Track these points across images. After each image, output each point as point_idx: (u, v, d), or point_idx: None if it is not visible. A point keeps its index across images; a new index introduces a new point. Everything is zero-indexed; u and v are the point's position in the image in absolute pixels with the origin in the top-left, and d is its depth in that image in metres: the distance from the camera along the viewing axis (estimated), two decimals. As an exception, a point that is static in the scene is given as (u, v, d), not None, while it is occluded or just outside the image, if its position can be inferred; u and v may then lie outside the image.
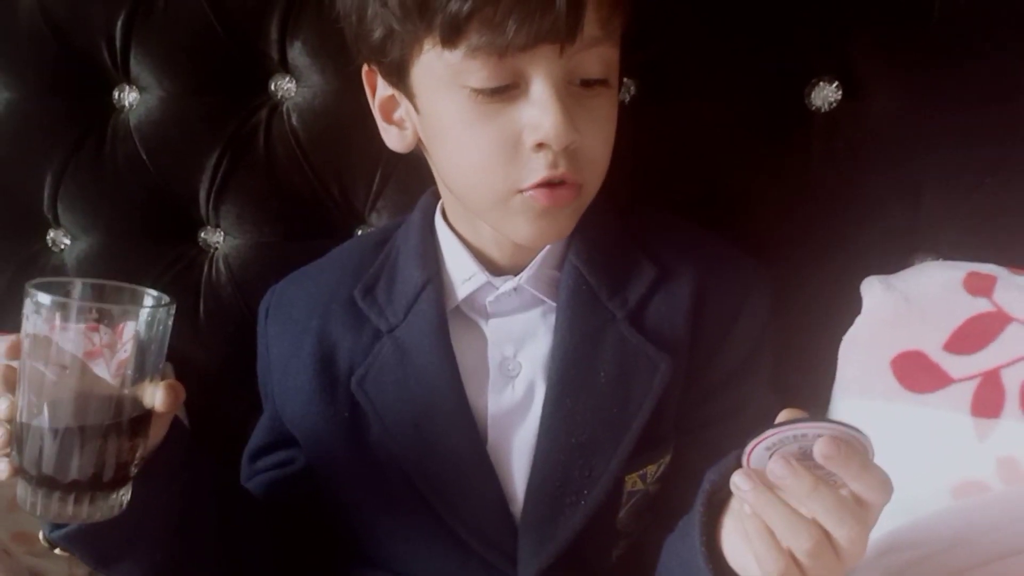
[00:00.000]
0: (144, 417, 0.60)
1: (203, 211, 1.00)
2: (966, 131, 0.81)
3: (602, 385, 0.70)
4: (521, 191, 0.65)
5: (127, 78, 1.01)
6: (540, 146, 0.63)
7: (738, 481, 0.52)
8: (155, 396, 0.59)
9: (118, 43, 0.99)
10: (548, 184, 0.64)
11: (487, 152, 0.65)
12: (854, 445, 0.50)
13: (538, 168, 0.64)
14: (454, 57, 0.62)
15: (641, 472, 0.70)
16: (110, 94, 1.01)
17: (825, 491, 0.50)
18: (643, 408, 0.69)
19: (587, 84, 0.65)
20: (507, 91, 0.63)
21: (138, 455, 0.60)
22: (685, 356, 0.71)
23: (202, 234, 1.01)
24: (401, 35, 0.64)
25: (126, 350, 0.58)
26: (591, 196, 0.70)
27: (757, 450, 0.51)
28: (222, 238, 1.01)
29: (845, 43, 0.84)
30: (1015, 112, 0.80)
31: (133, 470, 0.60)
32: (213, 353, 0.99)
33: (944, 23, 0.81)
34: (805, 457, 0.50)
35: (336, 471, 0.75)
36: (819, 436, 0.49)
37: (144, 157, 1.00)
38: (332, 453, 0.75)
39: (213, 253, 1.01)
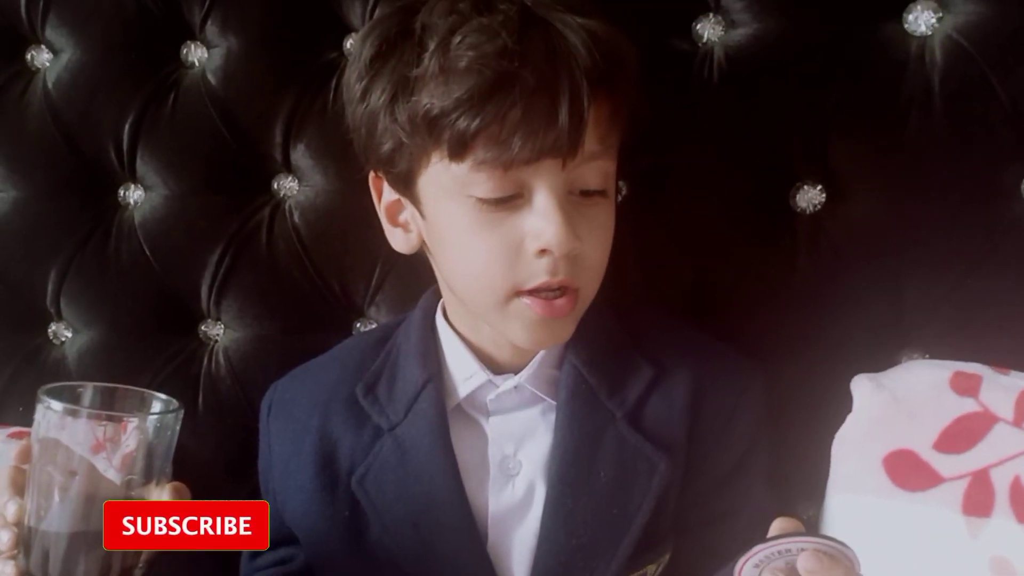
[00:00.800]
0: None
1: (204, 305, 1.02)
2: (945, 232, 0.84)
3: (602, 485, 0.71)
4: (519, 293, 0.68)
5: (133, 177, 1.04)
6: (542, 252, 0.66)
7: None
8: (161, 499, 0.60)
9: (125, 144, 1.03)
10: (545, 294, 0.68)
11: (490, 256, 0.68)
12: (838, 559, 0.51)
13: (539, 272, 0.67)
14: (460, 170, 0.66)
15: (641, 572, 0.71)
16: (115, 193, 1.05)
17: None
18: (642, 509, 0.71)
19: (586, 194, 0.68)
20: (511, 201, 0.67)
21: (143, 558, 0.61)
22: (683, 455, 0.73)
23: (202, 327, 1.03)
24: (410, 148, 0.68)
25: (129, 444, 0.60)
26: (589, 300, 0.73)
27: (747, 567, 0.53)
28: (222, 331, 1.03)
29: (827, 149, 0.87)
30: (991, 214, 0.83)
31: (138, 573, 0.60)
32: (211, 445, 0.99)
33: (920, 130, 0.84)
34: (792, 571, 0.52)
35: (336, 569, 0.75)
36: (803, 550, 0.51)
37: (148, 253, 1.02)
38: (332, 552, 0.75)
39: (213, 346, 1.03)
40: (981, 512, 0.67)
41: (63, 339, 1.07)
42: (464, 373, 0.76)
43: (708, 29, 0.89)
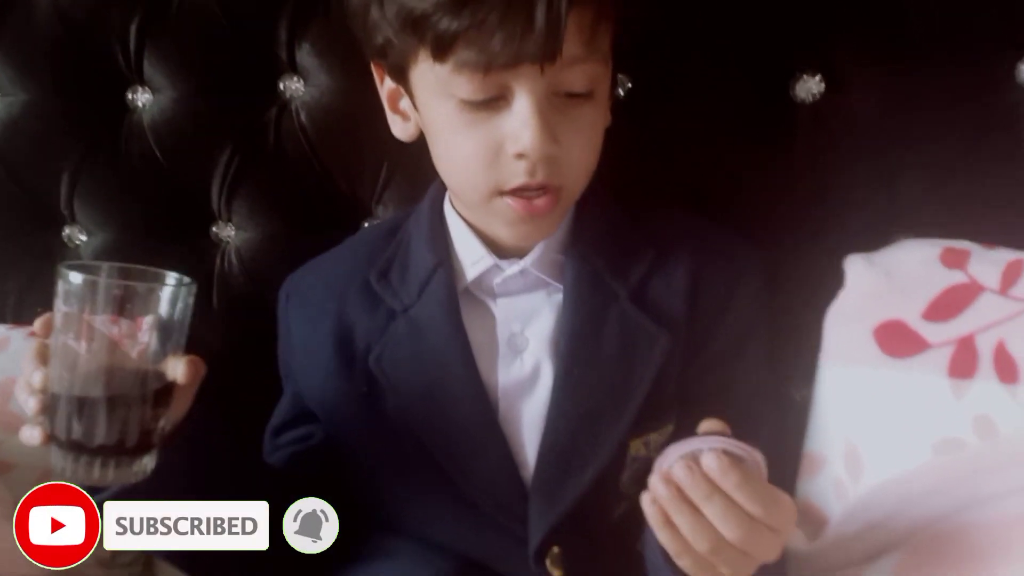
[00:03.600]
0: (166, 389, 0.64)
1: (215, 206, 1.04)
2: (940, 122, 0.85)
3: (607, 358, 0.74)
4: (502, 193, 0.70)
5: (140, 80, 1.05)
6: (520, 155, 0.68)
7: (654, 484, 0.59)
8: (177, 369, 0.63)
9: (132, 46, 1.03)
10: (525, 193, 0.70)
11: (471, 156, 0.70)
12: (745, 460, 0.57)
13: (517, 173, 0.69)
14: (443, 70, 0.67)
15: (644, 439, 0.74)
16: (124, 95, 1.05)
17: (717, 498, 0.56)
18: (644, 379, 0.74)
19: (572, 96, 0.69)
20: (492, 103, 0.68)
21: (161, 424, 0.64)
22: (683, 332, 0.76)
23: (214, 228, 1.05)
24: (398, 44, 0.69)
25: (144, 338, 0.63)
26: (574, 197, 0.75)
27: (664, 462, 0.59)
28: (233, 232, 1.05)
29: (827, 40, 0.88)
30: (985, 102, 0.85)
31: (156, 438, 0.64)
32: (226, 340, 1.02)
33: (918, 22, 0.85)
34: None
35: (355, 442, 0.79)
36: (711, 449, 0.56)
37: (158, 155, 1.04)
38: (351, 425, 0.79)
39: (225, 246, 1.05)
40: (965, 374, 0.70)
41: (78, 242, 1.09)
42: (471, 258, 0.78)
43: (710, -76, 0.89)
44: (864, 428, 0.74)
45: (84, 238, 1.09)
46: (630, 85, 0.93)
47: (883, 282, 0.76)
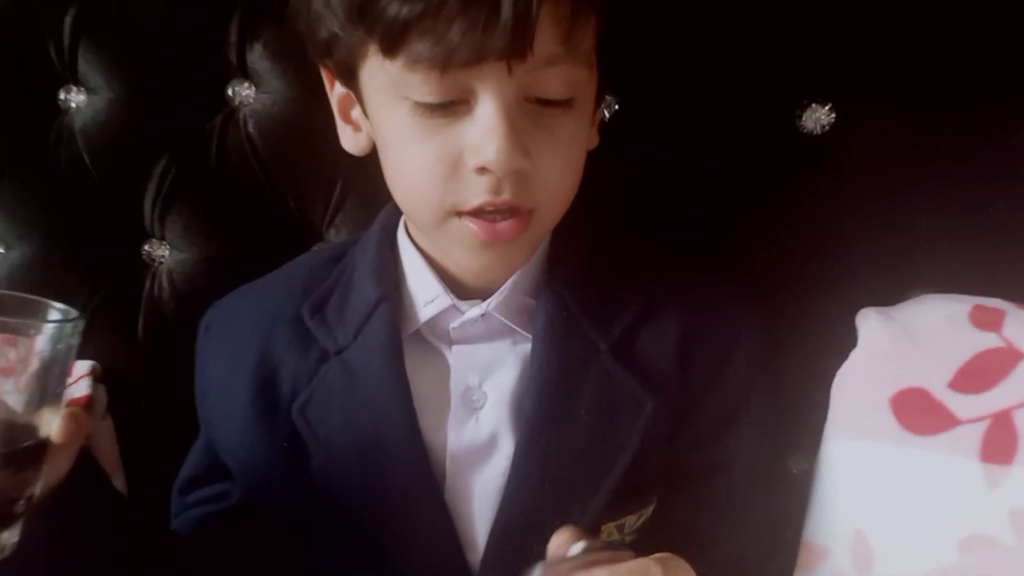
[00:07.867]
0: (37, 448, 0.53)
1: (148, 222, 0.95)
2: (961, 160, 0.80)
3: (582, 424, 0.65)
4: (460, 214, 0.61)
5: (74, 78, 0.96)
6: (482, 170, 0.59)
7: None
8: (52, 425, 0.53)
9: (66, 41, 0.95)
10: (489, 215, 0.61)
11: (425, 169, 0.61)
12: None
13: (479, 191, 0.60)
14: (395, 68, 0.58)
15: (619, 522, 0.66)
16: (55, 95, 0.97)
17: None
18: (626, 451, 0.65)
19: (546, 103, 0.60)
20: (452, 107, 0.59)
21: (27, 492, 0.53)
22: (673, 397, 0.67)
23: (146, 247, 0.96)
24: (345, 38, 0.61)
25: (35, 363, 0.52)
26: (549, 222, 0.66)
27: None
28: (167, 252, 0.96)
29: (839, 66, 0.82)
30: (1008, 140, 0.79)
31: (21, 508, 0.53)
32: (151, 374, 0.93)
33: (940, 47, 0.80)
34: None
35: (275, 504, 0.70)
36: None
37: (88, 162, 0.95)
38: (270, 486, 0.69)
39: (156, 267, 0.96)
40: (1001, 459, 0.62)
41: (-6, 256, 1.00)
42: (426, 296, 0.69)
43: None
44: (876, 516, 0.66)
45: (2, 251, 0.99)
46: (616, 107, 0.86)
47: (902, 342, 0.68)
